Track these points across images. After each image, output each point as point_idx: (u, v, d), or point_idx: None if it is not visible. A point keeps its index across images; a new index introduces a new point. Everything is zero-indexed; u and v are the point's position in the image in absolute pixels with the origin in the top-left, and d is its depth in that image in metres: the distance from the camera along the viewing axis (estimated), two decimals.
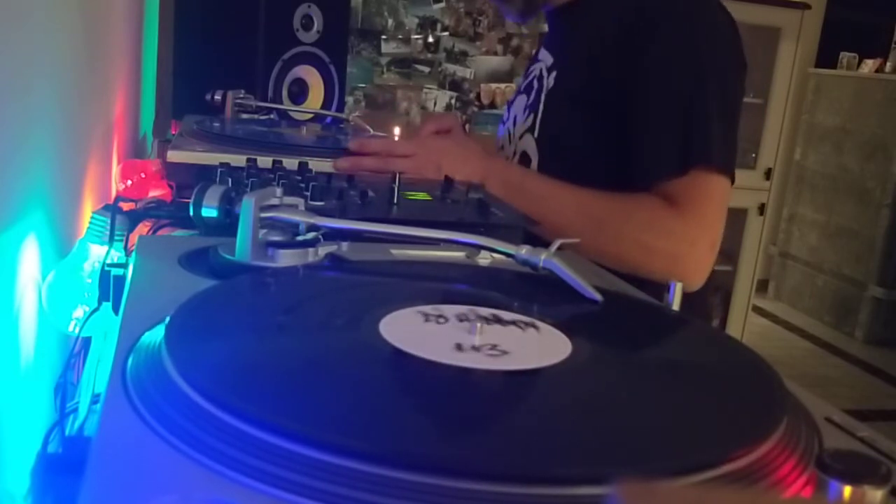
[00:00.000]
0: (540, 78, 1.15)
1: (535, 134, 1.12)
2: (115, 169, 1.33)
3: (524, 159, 1.13)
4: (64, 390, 0.75)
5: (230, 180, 0.88)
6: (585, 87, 1.07)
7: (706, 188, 1.00)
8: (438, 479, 0.33)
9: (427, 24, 3.57)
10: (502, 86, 3.68)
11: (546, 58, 1.16)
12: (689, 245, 1.00)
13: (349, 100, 3.24)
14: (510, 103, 1.25)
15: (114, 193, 1.28)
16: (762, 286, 4.56)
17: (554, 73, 1.12)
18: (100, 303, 0.72)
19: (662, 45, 1.01)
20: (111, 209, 0.79)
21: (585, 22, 1.11)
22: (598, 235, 0.98)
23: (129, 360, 0.43)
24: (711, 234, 1.01)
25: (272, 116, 1.45)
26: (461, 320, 0.50)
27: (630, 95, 1.02)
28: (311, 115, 1.80)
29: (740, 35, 1.06)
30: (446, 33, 3.60)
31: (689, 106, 1.00)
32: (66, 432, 0.69)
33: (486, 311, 0.52)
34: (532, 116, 1.13)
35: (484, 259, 0.69)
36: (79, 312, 0.83)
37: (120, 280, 0.68)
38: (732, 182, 1.03)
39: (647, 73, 1.01)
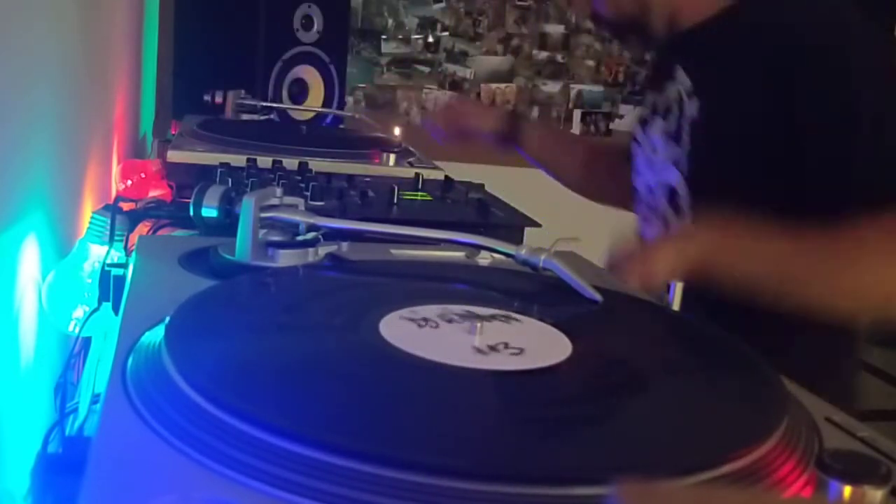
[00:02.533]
0: (680, 102, 1.06)
1: (683, 168, 1.04)
2: (115, 169, 1.33)
3: (672, 195, 1.06)
4: (64, 390, 0.75)
5: (230, 180, 0.88)
6: (739, 122, 0.99)
7: None
8: (438, 479, 0.33)
9: (427, 24, 3.56)
10: (502, 86, 3.68)
11: (682, 79, 1.07)
12: None
13: (349, 100, 3.23)
14: (643, 123, 1.15)
15: (114, 193, 1.28)
16: None
17: (696, 102, 1.03)
18: (100, 303, 0.72)
19: (824, 80, 0.94)
20: (111, 209, 0.79)
21: (727, 42, 1.03)
22: (840, 276, 0.88)
23: (129, 360, 0.43)
24: None
25: (272, 116, 1.45)
26: (460, 320, 0.50)
27: (798, 126, 0.94)
28: (312, 115, 1.80)
29: None
30: (446, 33, 3.59)
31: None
32: (66, 432, 0.69)
33: (485, 311, 0.52)
34: (677, 149, 1.06)
35: (484, 259, 0.69)
36: (79, 312, 0.83)
37: (120, 280, 0.68)
38: None
39: (817, 105, 0.94)
